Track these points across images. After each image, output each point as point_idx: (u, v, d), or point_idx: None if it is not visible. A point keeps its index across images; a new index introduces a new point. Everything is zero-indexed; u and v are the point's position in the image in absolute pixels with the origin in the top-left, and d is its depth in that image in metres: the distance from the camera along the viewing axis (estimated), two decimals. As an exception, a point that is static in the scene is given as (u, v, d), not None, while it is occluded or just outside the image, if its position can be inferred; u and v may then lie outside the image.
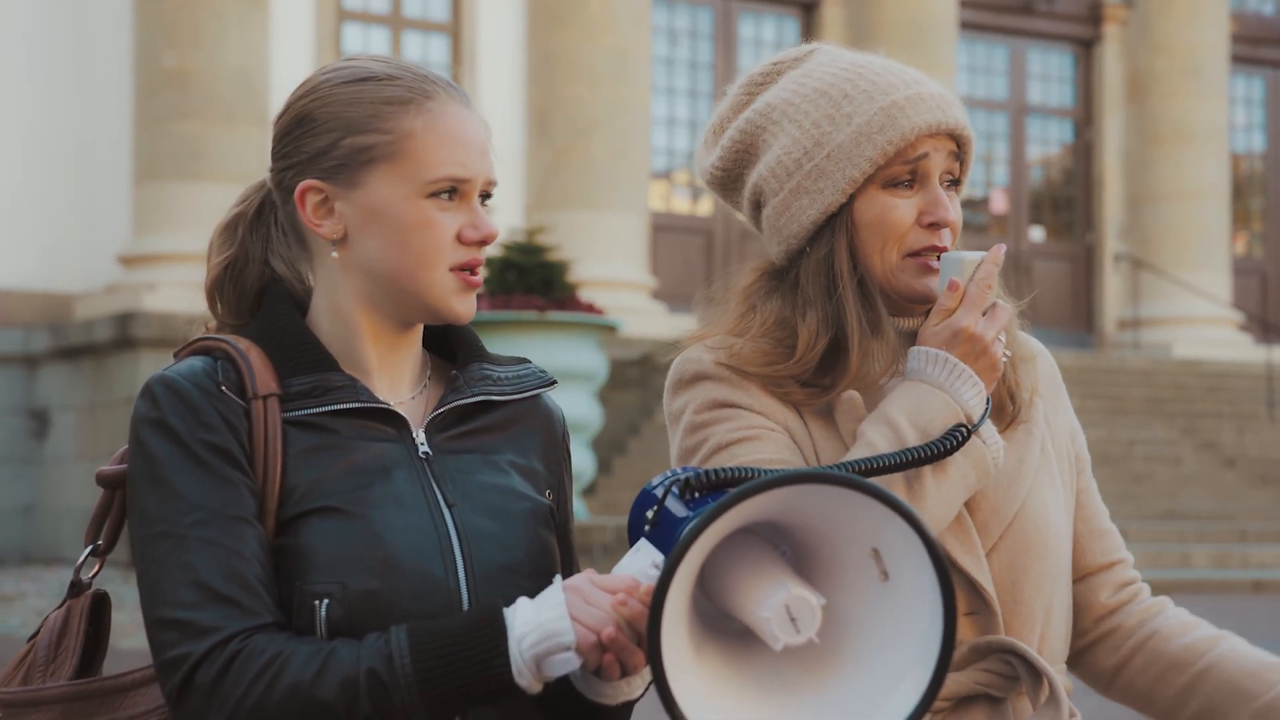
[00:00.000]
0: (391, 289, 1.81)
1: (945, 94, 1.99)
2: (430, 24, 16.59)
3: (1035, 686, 1.95)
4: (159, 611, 1.69)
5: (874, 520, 1.50)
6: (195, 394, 1.74)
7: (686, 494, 1.62)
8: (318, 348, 1.81)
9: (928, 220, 1.97)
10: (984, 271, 1.93)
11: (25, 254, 14.55)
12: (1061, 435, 2.12)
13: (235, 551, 1.69)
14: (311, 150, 1.81)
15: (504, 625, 1.64)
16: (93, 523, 1.88)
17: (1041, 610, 1.99)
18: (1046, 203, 20.58)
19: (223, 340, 1.81)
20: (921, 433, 1.90)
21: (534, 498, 1.87)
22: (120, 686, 1.79)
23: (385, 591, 1.71)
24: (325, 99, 1.82)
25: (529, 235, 12.01)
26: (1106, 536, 2.13)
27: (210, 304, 1.92)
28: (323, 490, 1.75)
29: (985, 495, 1.98)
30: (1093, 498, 2.15)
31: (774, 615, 1.50)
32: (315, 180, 1.81)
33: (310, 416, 1.77)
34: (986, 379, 1.93)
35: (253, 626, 1.67)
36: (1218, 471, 15.81)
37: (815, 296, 1.99)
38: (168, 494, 1.71)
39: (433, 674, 1.63)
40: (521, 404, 1.91)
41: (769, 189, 2.02)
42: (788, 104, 2.02)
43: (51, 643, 1.85)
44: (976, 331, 1.91)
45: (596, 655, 1.63)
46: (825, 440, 1.98)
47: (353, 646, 1.65)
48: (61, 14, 14.67)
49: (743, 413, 1.98)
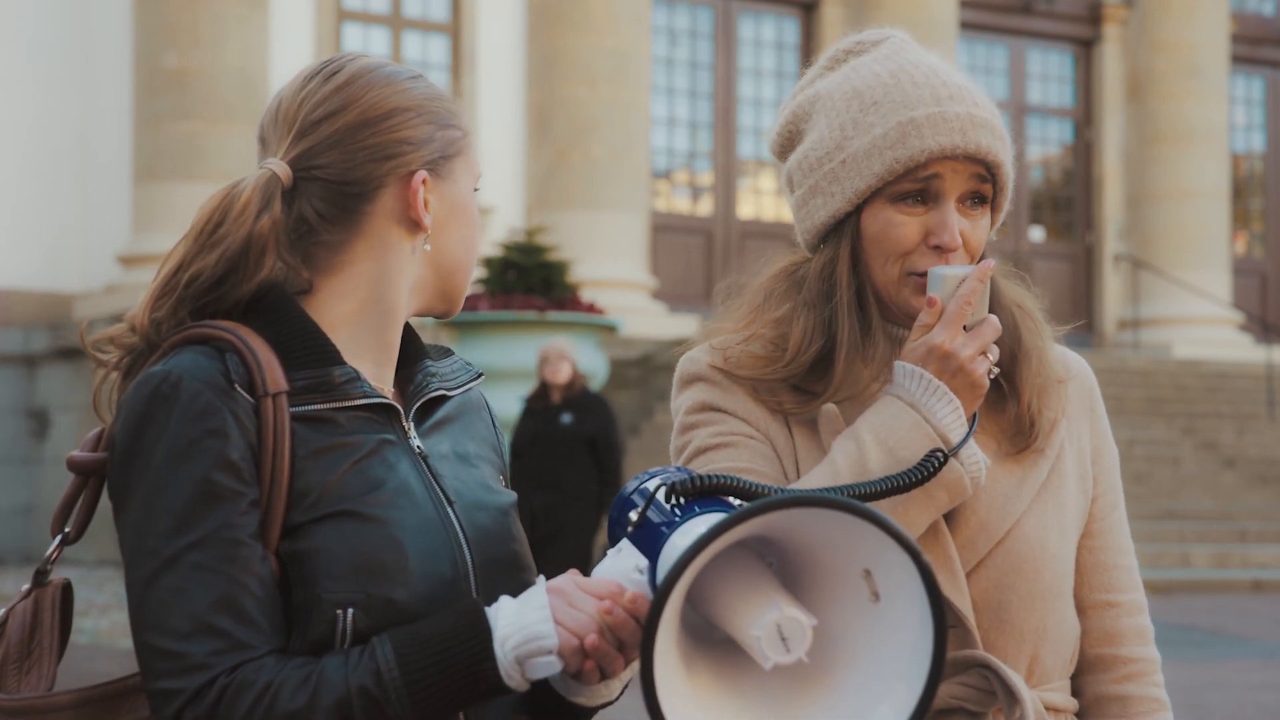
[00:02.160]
0: (451, 280, 1.82)
1: (975, 115, 1.94)
2: (430, 24, 16.59)
3: (1010, 704, 1.92)
4: (147, 636, 1.64)
5: (866, 541, 1.49)
6: (205, 395, 1.66)
7: (672, 498, 1.61)
8: (323, 339, 1.76)
9: (932, 242, 1.94)
10: (966, 288, 1.89)
11: (25, 254, 14.56)
12: (1079, 454, 2.07)
13: (231, 578, 1.64)
14: (416, 140, 1.78)
15: (488, 627, 1.62)
16: (60, 509, 1.78)
17: (1033, 631, 1.96)
18: (1046, 203, 20.58)
19: (223, 330, 1.72)
20: (887, 451, 1.87)
21: (505, 491, 1.87)
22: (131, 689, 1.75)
23: (406, 598, 1.68)
24: (402, 91, 1.79)
25: (529, 235, 12.02)
26: (1110, 572, 2.06)
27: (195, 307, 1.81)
28: (336, 493, 1.70)
29: (974, 511, 1.96)
30: (1106, 526, 2.07)
31: (765, 634, 1.49)
32: (425, 171, 1.78)
33: (317, 412, 1.72)
34: (965, 397, 1.89)
35: (243, 661, 1.63)
36: (1218, 471, 15.81)
37: (814, 300, 1.99)
38: (161, 510, 1.64)
39: (423, 683, 1.61)
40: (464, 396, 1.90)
41: (796, 180, 2.03)
42: (830, 97, 2.01)
43: (24, 638, 1.78)
44: (950, 349, 1.88)
45: (578, 660, 1.61)
46: (808, 451, 1.97)
47: (339, 665, 1.62)
48: (62, 14, 14.67)
49: (726, 418, 1.98)
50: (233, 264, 1.74)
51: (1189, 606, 11.43)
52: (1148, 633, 2.07)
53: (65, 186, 14.66)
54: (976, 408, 1.92)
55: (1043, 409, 2.01)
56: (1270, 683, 8.39)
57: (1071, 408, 2.08)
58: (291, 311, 1.76)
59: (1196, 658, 9.08)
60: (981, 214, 1.98)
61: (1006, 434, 2.00)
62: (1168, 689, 2.10)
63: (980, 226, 1.98)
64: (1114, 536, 2.08)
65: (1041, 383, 2.02)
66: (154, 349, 1.75)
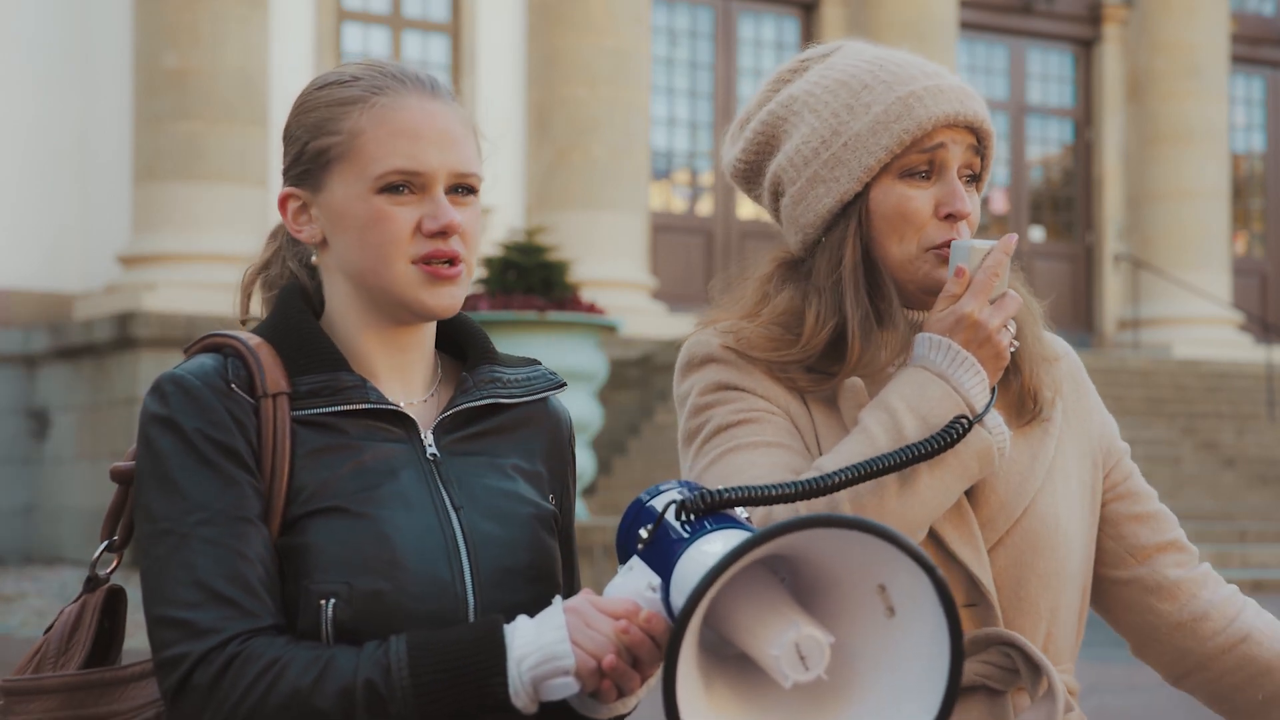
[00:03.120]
0: (366, 287, 1.81)
1: (966, 88, 1.99)
2: (430, 24, 16.59)
3: (1034, 681, 1.94)
4: (159, 609, 1.69)
5: (880, 556, 1.49)
6: (205, 392, 1.74)
7: (682, 515, 1.60)
8: (329, 347, 1.81)
9: (944, 212, 1.97)
10: (993, 260, 1.92)
11: (25, 254, 14.55)
12: (1088, 435, 2.10)
13: (238, 552, 1.69)
14: (289, 159, 1.84)
15: (504, 643, 1.63)
16: (108, 518, 1.88)
17: (1048, 609, 1.99)
18: (1046, 203, 20.58)
19: (233, 337, 1.81)
20: (920, 419, 1.88)
21: (538, 502, 1.87)
22: (120, 679, 1.80)
23: (391, 592, 1.71)
24: (298, 108, 1.85)
25: (529, 235, 12.01)
26: (1156, 520, 2.13)
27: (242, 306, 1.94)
28: (330, 490, 1.74)
29: (994, 489, 1.98)
30: (1137, 484, 2.14)
31: (784, 654, 1.50)
32: (291, 187, 1.83)
33: (319, 416, 1.77)
34: (990, 367, 1.92)
35: (252, 629, 1.67)
36: (1218, 471, 15.81)
37: (825, 284, 1.99)
38: (172, 492, 1.71)
39: (430, 688, 1.62)
40: (529, 406, 1.91)
41: (787, 178, 2.03)
42: (809, 95, 2.02)
43: (64, 636, 1.85)
44: (980, 318, 1.90)
45: (595, 680, 1.62)
46: (827, 426, 1.98)
47: (351, 655, 1.65)
48: (62, 14, 14.67)
49: (745, 395, 1.98)
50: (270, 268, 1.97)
51: (1189, 606, 11.40)
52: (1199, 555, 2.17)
53: (65, 186, 14.66)
54: (998, 380, 1.94)
55: (1043, 380, 2.04)
56: (1270, 683, 8.37)
57: (1066, 388, 2.11)
58: (300, 320, 1.83)
59: (1196, 658, 9.05)
60: (974, 189, 2.02)
61: (1012, 409, 2.03)
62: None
63: (976, 201, 2.01)
64: (1141, 488, 2.14)
65: (1039, 355, 2.05)
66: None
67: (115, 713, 1.78)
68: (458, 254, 1.79)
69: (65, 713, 1.79)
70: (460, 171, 1.80)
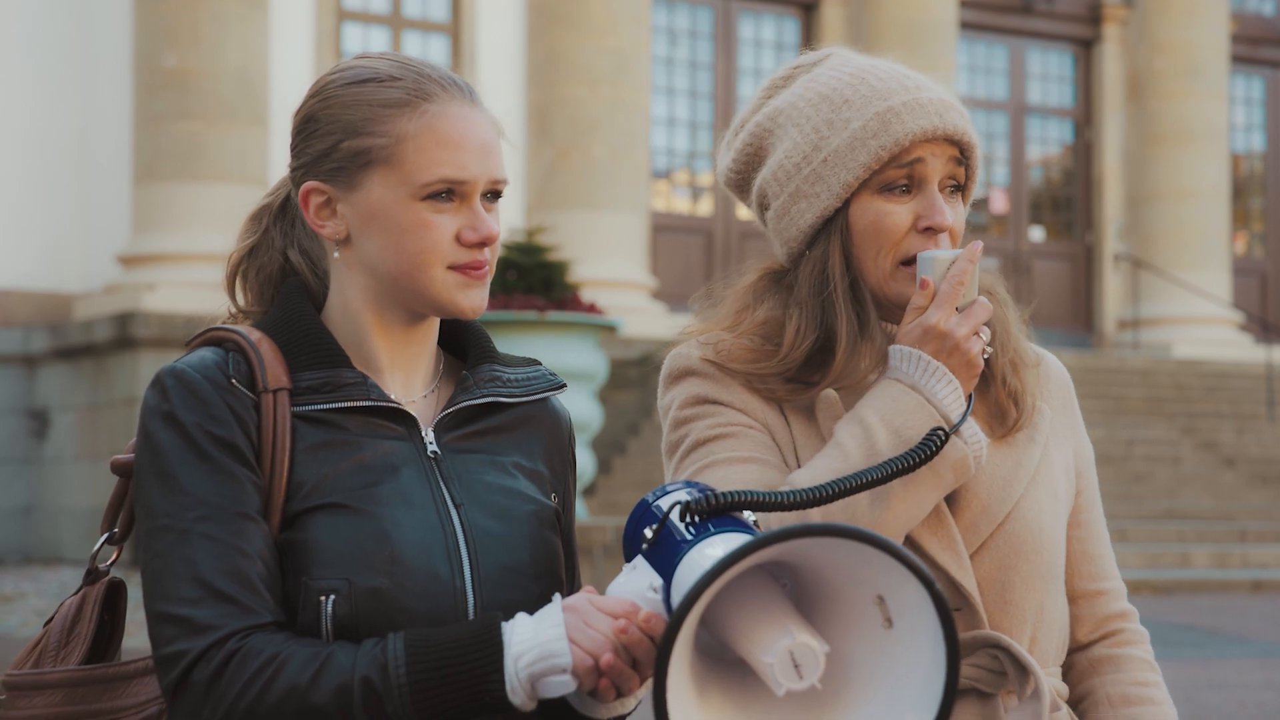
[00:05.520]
0: (394, 287, 1.82)
1: (947, 100, 1.99)
2: (430, 24, 16.59)
3: (1021, 682, 1.95)
4: (159, 605, 1.69)
5: (879, 568, 1.50)
6: (205, 387, 1.74)
7: (687, 517, 1.60)
8: (330, 343, 1.82)
9: (923, 225, 1.97)
10: (957, 269, 1.92)
11: (25, 254, 14.55)
12: (1073, 451, 2.11)
13: (237, 548, 1.70)
14: (315, 152, 1.82)
15: (501, 641, 1.64)
16: (108, 510, 1.88)
17: (1033, 611, 2.00)
18: (1046, 203, 20.58)
19: (234, 331, 1.81)
20: (893, 432, 1.89)
21: (539, 500, 1.87)
22: (123, 674, 1.81)
23: (391, 589, 1.71)
24: (329, 100, 1.83)
25: (529, 235, 12.01)
26: (1097, 562, 2.12)
27: (229, 291, 1.93)
28: (331, 487, 1.75)
29: (976, 495, 1.99)
30: (1091, 517, 2.13)
31: (778, 661, 1.50)
32: (317, 182, 1.82)
33: (320, 412, 1.78)
34: (962, 376, 1.92)
35: (251, 625, 1.68)
36: (1218, 471, 15.81)
37: (807, 297, 2.00)
38: (172, 488, 1.72)
39: (427, 686, 1.63)
40: (530, 406, 1.92)
41: (772, 192, 2.04)
42: (793, 108, 2.03)
43: (65, 628, 1.86)
44: (946, 328, 1.91)
45: (593, 679, 1.63)
46: (805, 437, 1.99)
47: (350, 652, 1.65)
48: (62, 14, 14.67)
49: (723, 409, 1.99)
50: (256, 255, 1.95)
51: (1189, 606, 11.43)
52: (1135, 614, 2.14)
53: (65, 186, 14.66)
54: (972, 388, 1.95)
55: (1021, 389, 2.05)
56: (1270, 682, 8.39)
57: (1055, 403, 2.11)
58: (302, 316, 1.83)
59: (1196, 657, 9.08)
60: (958, 200, 2.02)
61: (994, 417, 2.04)
62: (1168, 689, 2.14)
63: (960, 212, 2.02)
64: (1097, 527, 2.14)
65: (1013, 360, 2.05)
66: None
67: (118, 708, 1.79)
68: (489, 260, 1.82)
69: (67, 708, 1.79)
70: (496, 179, 1.82)
